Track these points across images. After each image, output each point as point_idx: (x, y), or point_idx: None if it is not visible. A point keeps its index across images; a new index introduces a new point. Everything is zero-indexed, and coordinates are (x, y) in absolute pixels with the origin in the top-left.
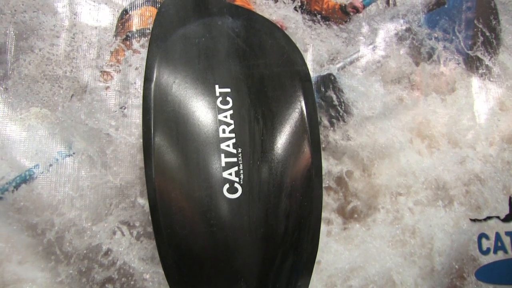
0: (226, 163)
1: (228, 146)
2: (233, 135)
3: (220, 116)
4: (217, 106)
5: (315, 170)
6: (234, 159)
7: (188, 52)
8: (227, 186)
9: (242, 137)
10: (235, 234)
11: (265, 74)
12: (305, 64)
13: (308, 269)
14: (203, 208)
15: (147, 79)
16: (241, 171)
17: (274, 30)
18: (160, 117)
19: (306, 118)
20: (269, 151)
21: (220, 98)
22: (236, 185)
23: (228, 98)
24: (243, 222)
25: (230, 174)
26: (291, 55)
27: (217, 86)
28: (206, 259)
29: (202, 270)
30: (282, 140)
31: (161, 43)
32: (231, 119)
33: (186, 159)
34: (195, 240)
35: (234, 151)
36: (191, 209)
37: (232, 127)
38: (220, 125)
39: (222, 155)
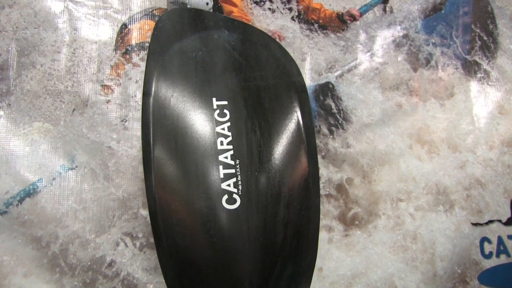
0: (224, 174)
1: (226, 157)
2: (230, 147)
3: (218, 129)
4: (215, 119)
5: (312, 179)
6: (232, 171)
7: (185, 66)
8: (226, 197)
9: (239, 149)
10: (235, 244)
11: (262, 86)
12: (300, 75)
13: (307, 277)
14: (203, 219)
15: (146, 93)
16: (239, 182)
17: (269, 42)
18: (159, 131)
19: (302, 128)
20: (267, 162)
21: (218, 111)
22: (235, 196)
23: (226, 111)
24: (242, 232)
25: (229, 185)
26: (286, 67)
27: (214, 99)
28: (207, 269)
29: (203, 280)
30: (279, 150)
31: (159, 58)
32: (228, 131)
33: (185, 171)
34: (196, 251)
35: (232, 162)
36: (191, 220)
37: (229, 139)
38: (218, 137)
39: (221, 167)
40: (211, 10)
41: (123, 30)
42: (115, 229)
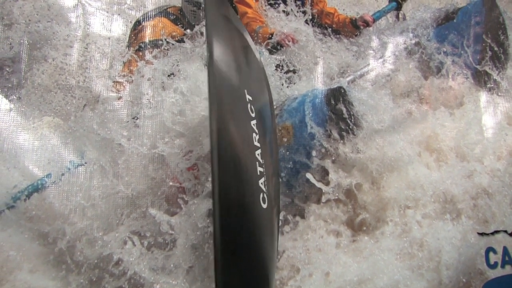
0: (259, 172)
1: (258, 155)
2: (259, 145)
3: (252, 123)
4: (249, 112)
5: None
6: (262, 169)
7: (232, 45)
8: (261, 195)
9: (264, 149)
10: (266, 243)
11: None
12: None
13: None
14: (251, 215)
15: (210, 54)
16: (265, 182)
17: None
18: (224, 107)
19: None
20: (275, 169)
21: (249, 105)
22: (265, 195)
23: (252, 107)
24: (272, 232)
25: (262, 183)
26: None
27: (246, 91)
28: (250, 268)
29: (245, 279)
30: (274, 160)
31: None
32: (256, 128)
33: (241, 161)
34: (246, 248)
35: (262, 161)
36: (243, 216)
37: (258, 137)
38: (253, 132)
39: (257, 163)
40: None
41: (137, 27)
42: (123, 228)
